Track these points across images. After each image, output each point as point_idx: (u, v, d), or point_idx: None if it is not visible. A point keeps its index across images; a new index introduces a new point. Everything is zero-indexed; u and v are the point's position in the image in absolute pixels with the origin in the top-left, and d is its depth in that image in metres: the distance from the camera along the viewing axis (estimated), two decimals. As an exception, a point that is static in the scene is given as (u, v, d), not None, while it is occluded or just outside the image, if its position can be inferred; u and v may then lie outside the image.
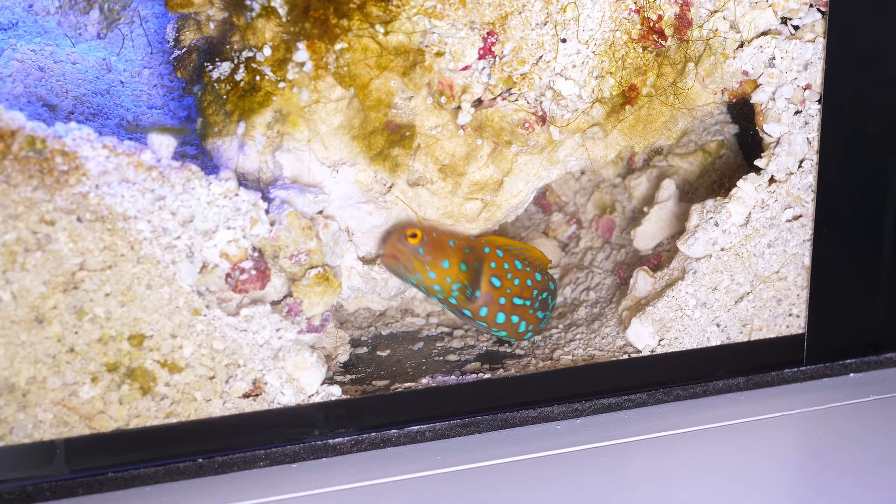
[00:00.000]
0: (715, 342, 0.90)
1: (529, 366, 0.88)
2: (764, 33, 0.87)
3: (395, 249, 0.83)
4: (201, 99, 0.83)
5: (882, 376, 0.95)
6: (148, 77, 1.00)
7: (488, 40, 0.80)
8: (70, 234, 0.69)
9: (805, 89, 0.88)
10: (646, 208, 1.00)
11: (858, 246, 0.93)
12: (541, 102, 0.83)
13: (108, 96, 0.97)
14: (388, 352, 0.92)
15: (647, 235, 0.99)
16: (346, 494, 0.73)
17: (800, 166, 0.89)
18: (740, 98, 0.90)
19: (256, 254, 0.75)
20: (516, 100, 0.82)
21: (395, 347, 0.93)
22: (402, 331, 0.97)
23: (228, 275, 0.74)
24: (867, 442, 0.81)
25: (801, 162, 0.89)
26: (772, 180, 0.88)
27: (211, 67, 0.81)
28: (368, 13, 0.77)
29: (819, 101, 0.88)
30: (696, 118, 0.92)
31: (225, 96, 0.80)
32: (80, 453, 0.72)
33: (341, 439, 0.79)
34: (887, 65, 0.90)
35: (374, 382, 0.85)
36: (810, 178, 0.89)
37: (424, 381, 0.85)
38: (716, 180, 1.02)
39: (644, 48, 0.84)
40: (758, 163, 0.89)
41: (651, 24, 0.84)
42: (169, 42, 0.93)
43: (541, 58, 0.81)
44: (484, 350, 0.93)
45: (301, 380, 0.77)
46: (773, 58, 0.87)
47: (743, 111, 0.99)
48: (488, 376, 0.86)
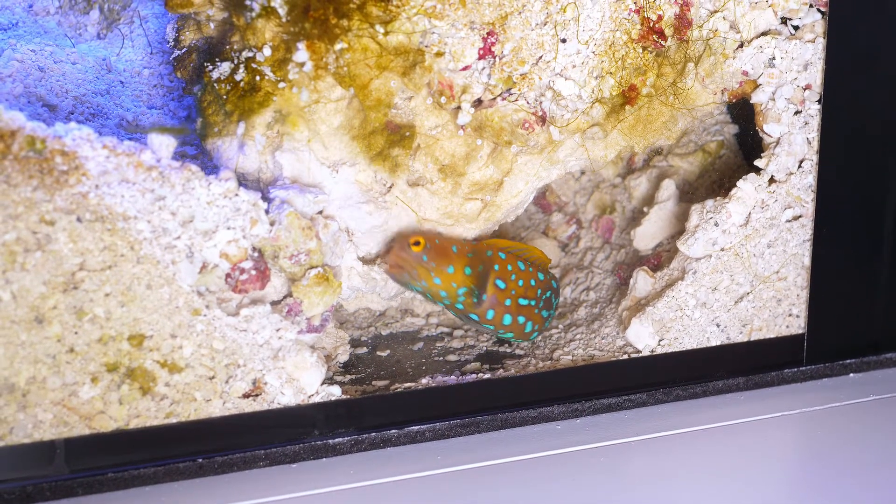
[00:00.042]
0: (715, 342, 0.90)
1: (529, 366, 0.88)
2: (764, 33, 0.87)
3: (398, 259, 0.82)
4: (201, 99, 0.83)
5: (882, 376, 0.95)
6: (148, 77, 1.00)
7: (488, 40, 0.80)
8: (70, 234, 0.69)
9: (805, 89, 0.88)
10: (646, 208, 0.99)
11: (858, 246, 0.93)
12: (541, 102, 0.83)
13: (107, 96, 0.97)
14: (388, 352, 0.92)
15: (647, 235, 0.99)
16: (346, 494, 0.73)
17: (800, 166, 0.89)
18: (740, 98, 0.90)
19: (256, 254, 0.75)
20: (516, 100, 0.82)
21: (394, 347, 0.93)
22: (402, 331, 0.97)
23: (228, 275, 0.74)
24: (867, 442, 0.81)
25: (801, 162, 0.89)
26: (772, 180, 0.88)
27: (211, 67, 0.81)
28: (368, 13, 0.77)
29: (819, 101, 0.88)
30: (696, 118, 0.92)
31: (225, 96, 0.80)
32: (80, 453, 0.72)
33: (341, 439, 0.79)
34: (887, 65, 0.90)
35: (373, 382, 0.85)
36: (810, 179, 0.89)
37: (424, 381, 0.85)
38: (716, 180, 1.02)
39: (644, 48, 0.84)
40: (758, 163, 0.89)
41: (651, 25, 0.84)
42: (169, 42, 0.93)
43: (541, 58, 0.81)
44: (484, 350, 0.93)
45: (301, 380, 0.77)
46: (773, 58, 0.87)
47: (743, 111, 0.99)
48: (488, 376, 0.86)
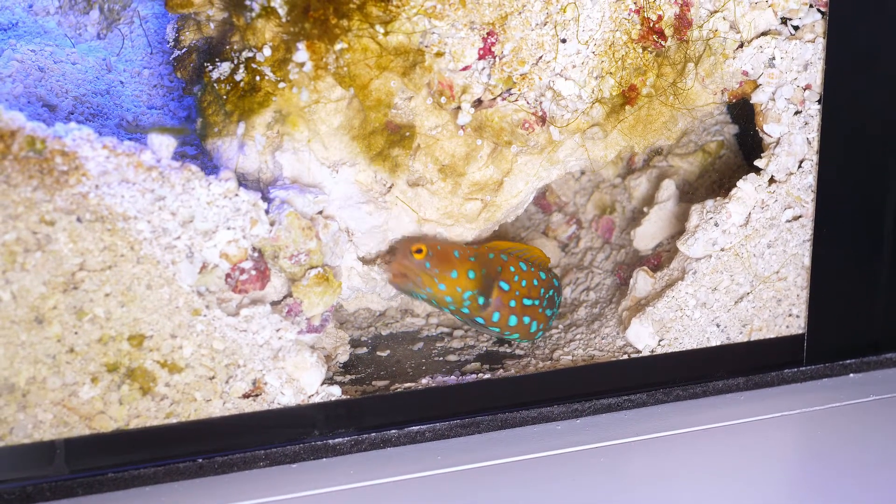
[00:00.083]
0: (715, 342, 0.90)
1: (529, 366, 0.88)
2: (764, 33, 0.87)
3: (402, 267, 0.82)
4: (201, 99, 0.83)
5: (882, 376, 0.95)
6: (148, 77, 1.00)
7: (488, 40, 0.80)
8: (70, 234, 0.69)
9: (805, 89, 0.88)
10: (646, 208, 0.99)
11: (858, 246, 0.93)
12: (541, 103, 0.83)
13: (107, 96, 0.97)
14: (388, 352, 0.92)
15: (647, 236, 0.99)
16: (346, 495, 0.73)
17: (800, 166, 0.89)
18: (740, 98, 0.90)
19: (256, 254, 0.75)
20: (516, 100, 0.82)
21: (394, 348, 0.93)
22: (402, 331, 0.97)
23: (228, 275, 0.74)
24: (867, 442, 0.81)
25: (801, 162, 0.89)
26: (772, 180, 0.88)
27: (211, 68, 0.81)
28: (368, 13, 0.77)
29: (819, 101, 0.88)
30: (696, 118, 0.92)
31: (225, 96, 0.80)
32: (80, 453, 0.72)
33: (341, 439, 0.79)
34: (887, 65, 0.90)
35: (373, 383, 0.85)
36: (810, 179, 0.89)
37: (424, 381, 0.85)
38: (716, 180, 1.02)
39: (644, 48, 0.84)
40: (758, 163, 0.89)
41: (651, 25, 0.84)
42: (169, 42, 0.93)
43: (541, 58, 0.81)
44: (484, 350, 0.93)
45: (301, 380, 0.77)
46: (773, 58, 0.87)
47: (743, 111, 0.99)
48: (488, 376, 0.86)
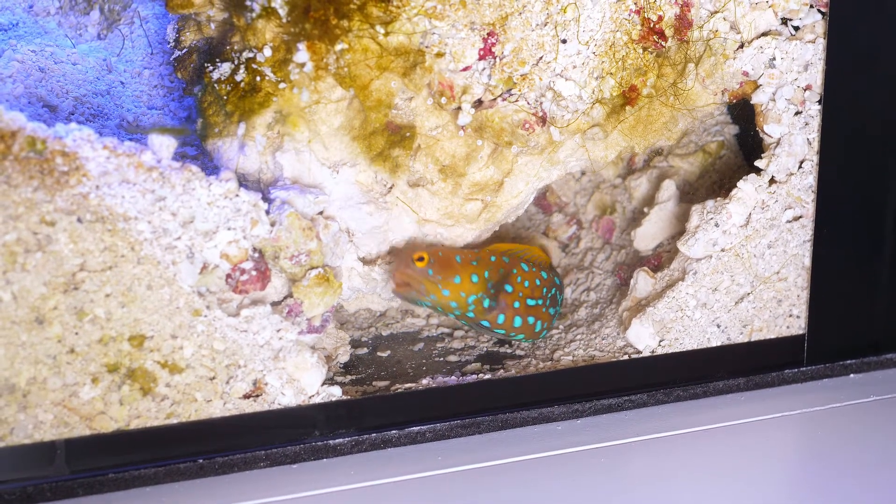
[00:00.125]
0: (715, 343, 0.90)
1: (530, 366, 0.88)
2: (764, 34, 0.87)
3: (405, 276, 0.83)
4: (202, 100, 0.83)
5: (882, 377, 0.95)
6: (148, 78, 1.00)
7: (488, 41, 0.80)
8: (70, 234, 0.69)
9: (805, 90, 0.88)
10: (646, 209, 0.99)
11: (859, 246, 0.93)
12: (541, 103, 0.83)
13: (108, 97, 0.97)
14: (389, 352, 0.92)
15: (648, 236, 0.99)
16: (346, 495, 0.73)
17: (800, 167, 0.89)
18: (740, 99, 0.90)
19: (257, 254, 0.75)
20: (516, 100, 0.82)
21: (395, 348, 0.93)
22: (403, 331, 0.97)
23: (229, 275, 0.74)
24: (868, 442, 0.81)
25: (802, 163, 0.89)
26: (772, 181, 0.88)
27: (211, 68, 0.81)
28: (369, 14, 0.77)
29: (819, 101, 0.88)
30: (697, 119, 0.92)
31: (225, 97, 0.80)
32: (81, 454, 0.72)
33: (342, 440, 0.79)
34: (887, 65, 0.90)
35: (374, 383, 0.85)
36: (810, 179, 0.89)
37: (425, 381, 0.85)
38: (716, 181, 1.02)
39: (644, 49, 0.84)
40: (758, 163, 0.89)
41: (651, 25, 0.84)
42: (169, 43, 0.93)
43: (541, 58, 0.81)
44: (484, 351, 0.93)
45: (301, 380, 0.77)
46: (774, 58, 0.87)
47: (743, 112, 0.99)
48: (489, 377, 0.86)
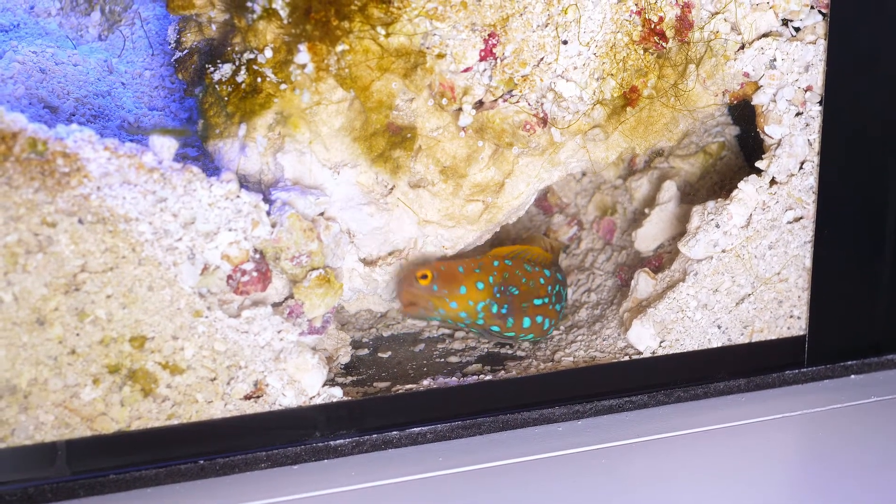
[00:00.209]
0: (716, 344, 0.90)
1: (531, 367, 0.88)
2: (765, 35, 0.87)
3: (411, 297, 0.84)
4: (202, 101, 0.83)
5: (883, 378, 0.95)
6: (149, 79, 1.00)
7: (489, 42, 0.80)
8: (71, 235, 0.69)
9: (806, 91, 0.88)
10: (647, 210, 0.99)
11: (859, 247, 0.93)
12: (542, 104, 0.83)
13: (109, 98, 0.97)
14: (390, 353, 0.92)
15: (648, 237, 0.99)
16: (347, 496, 0.73)
17: (801, 168, 0.89)
18: (741, 100, 0.90)
19: (258, 255, 0.75)
20: (517, 101, 0.82)
21: (396, 349, 0.93)
22: (404, 332, 0.97)
23: (230, 276, 0.74)
24: (868, 443, 0.81)
25: (802, 163, 0.89)
26: (773, 182, 0.88)
27: (212, 69, 0.81)
28: (370, 15, 0.77)
29: (820, 102, 0.88)
30: (697, 120, 0.92)
31: (226, 98, 0.80)
32: (82, 455, 0.72)
33: (343, 441, 0.79)
34: (888, 66, 0.90)
35: (375, 384, 0.85)
36: (811, 180, 0.89)
37: (426, 382, 0.85)
38: (717, 182, 1.02)
39: (645, 50, 0.84)
40: (759, 164, 0.89)
41: (652, 26, 0.84)
42: (170, 44, 0.93)
43: (542, 59, 0.82)
44: (485, 352, 0.93)
45: (302, 381, 0.77)
46: (774, 59, 0.87)
47: (744, 113, 0.99)
48: (489, 378, 0.86)
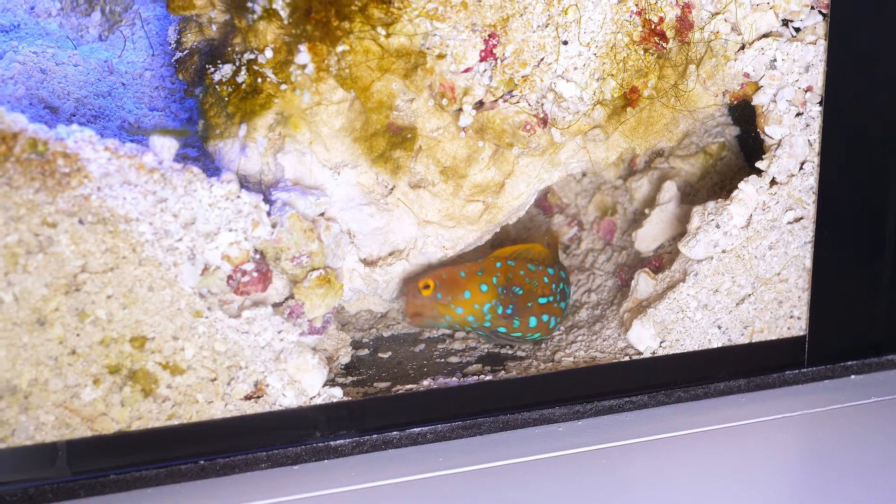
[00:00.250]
0: (716, 344, 0.90)
1: (531, 368, 0.88)
2: (765, 35, 0.87)
3: (416, 308, 0.86)
4: (203, 101, 0.83)
5: (883, 378, 0.95)
6: (150, 79, 1.00)
7: (490, 42, 0.80)
8: (72, 236, 0.69)
9: (806, 91, 0.88)
10: (647, 210, 0.99)
11: (860, 248, 0.93)
12: (542, 104, 0.83)
13: (109, 98, 0.97)
14: (390, 353, 0.92)
15: (649, 237, 0.99)
16: (347, 496, 0.73)
17: (801, 168, 0.89)
18: (741, 100, 0.90)
19: (258, 256, 0.75)
20: (518, 102, 0.82)
21: (396, 349, 0.93)
22: (404, 333, 0.97)
23: (230, 277, 0.74)
24: (868, 444, 0.81)
25: (803, 164, 0.89)
26: (773, 182, 0.88)
27: (213, 69, 0.81)
28: (370, 15, 0.77)
29: (820, 102, 0.88)
30: (698, 120, 0.92)
31: (227, 98, 0.80)
32: (82, 455, 0.72)
33: (343, 441, 0.79)
34: (888, 66, 0.90)
35: (375, 384, 0.85)
36: (811, 180, 0.89)
37: (426, 382, 0.85)
38: (717, 182, 1.02)
39: (645, 50, 0.84)
40: (759, 165, 0.89)
41: (652, 27, 0.84)
42: (170, 44, 0.93)
43: (542, 60, 0.82)
44: (485, 352, 0.93)
45: (303, 382, 0.77)
46: (775, 60, 0.87)
47: (744, 113, 0.99)
48: (490, 378, 0.86)
